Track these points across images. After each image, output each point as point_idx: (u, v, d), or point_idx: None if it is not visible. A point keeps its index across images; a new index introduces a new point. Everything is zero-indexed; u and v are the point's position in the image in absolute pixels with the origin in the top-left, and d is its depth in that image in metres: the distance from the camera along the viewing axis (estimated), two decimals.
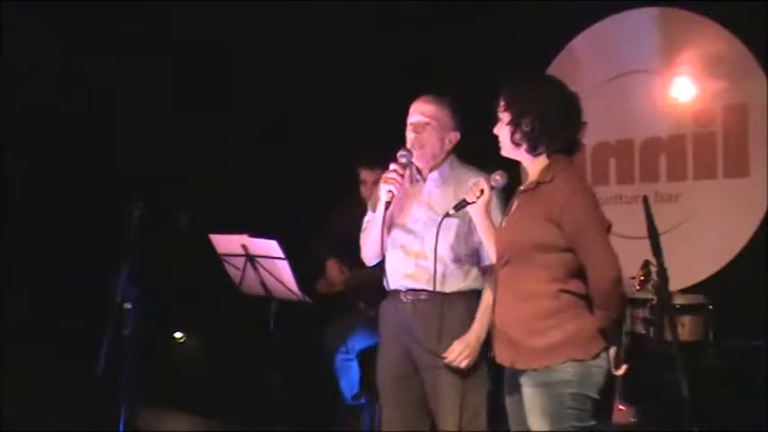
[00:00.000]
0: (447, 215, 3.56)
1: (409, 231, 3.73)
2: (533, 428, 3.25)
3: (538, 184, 3.29)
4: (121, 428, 4.32)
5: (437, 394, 3.73)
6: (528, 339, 3.24)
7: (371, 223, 3.85)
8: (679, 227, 5.39)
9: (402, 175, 3.69)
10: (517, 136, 3.30)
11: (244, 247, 4.62)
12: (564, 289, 3.22)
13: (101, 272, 4.63)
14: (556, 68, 5.77)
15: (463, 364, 3.66)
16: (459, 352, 3.66)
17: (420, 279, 3.73)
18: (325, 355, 5.20)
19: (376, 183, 5.21)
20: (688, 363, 3.52)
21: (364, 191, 5.29)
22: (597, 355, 3.20)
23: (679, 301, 4.70)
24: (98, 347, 4.11)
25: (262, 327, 4.80)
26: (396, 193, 3.67)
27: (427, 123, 3.77)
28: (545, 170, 3.30)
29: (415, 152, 3.76)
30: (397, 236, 3.76)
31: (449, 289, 3.73)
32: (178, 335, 7.17)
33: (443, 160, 3.82)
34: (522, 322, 3.26)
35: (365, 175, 5.29)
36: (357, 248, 5.31)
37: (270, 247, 4.55)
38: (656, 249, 3.56)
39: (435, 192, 3.80)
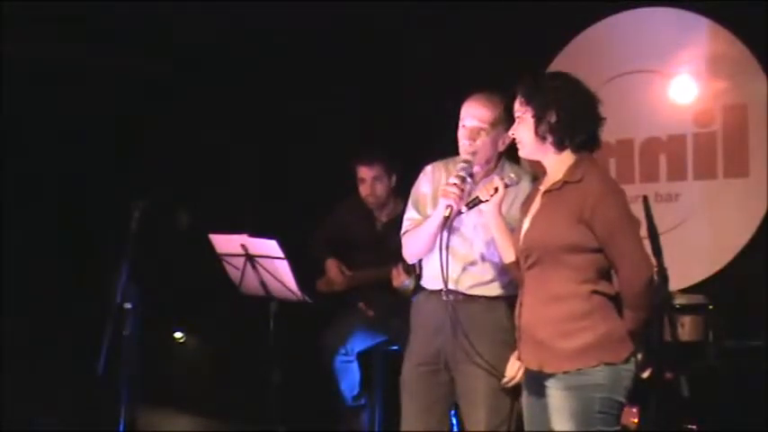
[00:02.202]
0: (459, 213, 3.55)
1: (457, 234, 3.67)
2: (558, 431, 3.20)
3: (564, 183, 3.23)
4: (121, 428, 4.32)
5: (472, 395, 3.70)
6: (558, 341, 3.19)
7: (421, 229, 3.76)
8: (679, 227, 5.38)
9: (462, 189, 3.60)
10: (542, 128, 3.23)
11: (243, 246, 4.62)
12: (595, 290, 3.18)
13: (101, 272, 4.63)
14: (556, 68, 5.73)
15: (523, 380, 3.57)
16: (519, 367, 3.55)
17: (464, 283, 3.70)
18: (325, 356, 5.20)
19: (375, 179, 5.24)
20: (688, 363, 3.52)
21: (363, 189, 5.27)
22: (628, 359, 3.17)
23: (679, 301, 4.68)
24: (98, 347, 4.11)
25: (262, 327, 4.80)
26: (455, 208, 3.59)
27: (482, 129, 3.68)
28: (572, 169, 3.24)
29: (470, 158, 3.70)
30: (444, 237, 3.66)
31: (492, 293, 3.69)
32: (178, 335, 7.17)
33: (497, 163, 3.76)
34: (552, 324, 3.21)
35: (363, 172, 5.26)
36: (356, 248, 5.35)
37: (269, 246, 4.55)
38: (656, 249, 3.56)
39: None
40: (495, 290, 3.69)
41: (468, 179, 3.69)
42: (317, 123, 6.44)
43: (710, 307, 4.74)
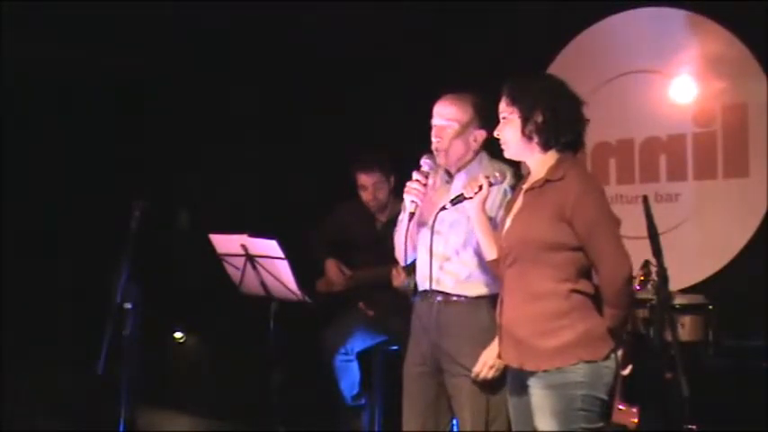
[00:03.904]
0: (443, 208, 3.56)
1: (435, 233, 3.67)
2: (541, 429, 3.22)
3: (546, 181, 3.26)
4: (121, 428, 4.32)
5: (458, 396, 3.72)
6: (538, 340, 3.21)
7: (398, 228, 3.85)
8: (679, 227, 5.39)
9: (425, 185, 3.66)
10: (529, 128, 3.26)
11: (243, 246, 4.62)
12: (574, 289, 3.20)
13: (101, 272, 4.63)
14: (556, 68, 5.76)
15: (490, 375, 3.61)
16: (485, 363, 3.61)
17: (444, 282, 3.72)
18: (325, 355, 5.20)
19: (376, 186, 5.25)
20: (688, 363, 3.52)
21: (365, 195, 5.27)
22: (607, 356, 3.19)
23: (679, 301, 4.69)
24: (98, 347, 4.11)
25: (262, 327, 4.80)
26: (419, 203, 3.66)
27: (448, 127, 3.73)
28: (553, 168, 3.26)
29: (438, 156, 3.74)
30: (424, 237, 3.71)
31: (474, 293, 3.70)
32: (178, 335, 7.17)
33: (472, 159, 3.78)
34: (531, 323, 3.23)
35: (363, 179, 5.26)
36: (356, 248, 5.35)
37: (269, 246, 4.55)
38: (656, 249, 3.55)
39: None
40: (473, 289, 3.70)
41: (446, 177, 3.75)
42: (317, 123, 6.44)
43: (710, 307, 4.75)
